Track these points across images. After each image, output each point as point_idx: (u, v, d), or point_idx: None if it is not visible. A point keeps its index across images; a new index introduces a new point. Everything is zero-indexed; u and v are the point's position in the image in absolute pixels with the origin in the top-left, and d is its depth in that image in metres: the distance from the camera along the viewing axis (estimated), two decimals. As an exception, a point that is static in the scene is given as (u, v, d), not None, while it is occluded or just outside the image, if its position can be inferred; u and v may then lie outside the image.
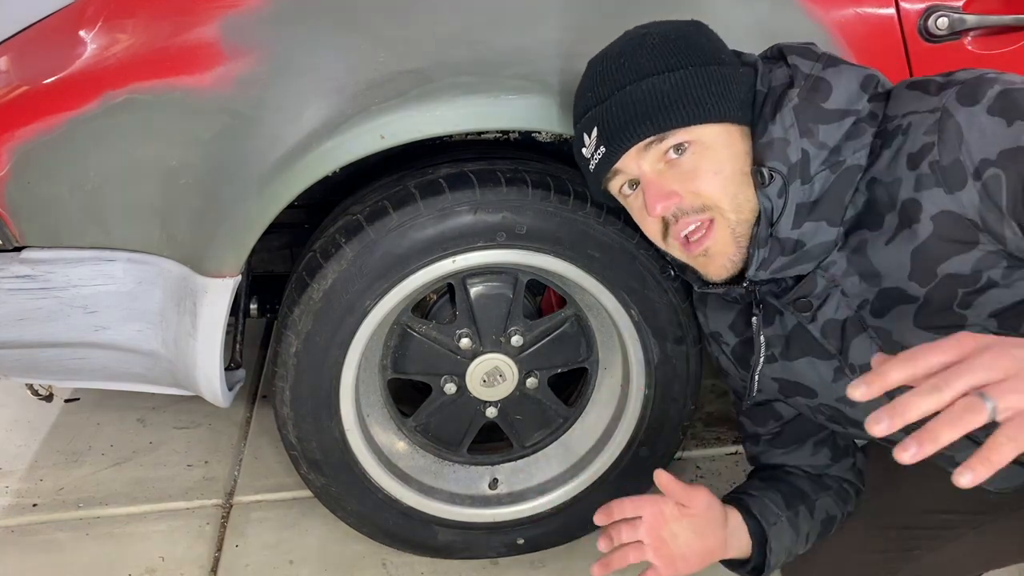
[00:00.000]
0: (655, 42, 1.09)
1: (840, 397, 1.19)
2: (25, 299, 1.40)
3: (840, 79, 1.07)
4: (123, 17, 1.37)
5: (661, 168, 1.08)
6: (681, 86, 1.05)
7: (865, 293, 1.09)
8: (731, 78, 1.08)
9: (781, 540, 1.24)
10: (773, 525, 1.24)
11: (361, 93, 1.30)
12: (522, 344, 1.56)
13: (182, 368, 1.48)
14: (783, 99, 1.06)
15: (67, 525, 1.81)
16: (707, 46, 1.10)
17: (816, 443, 1.32)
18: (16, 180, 1.33)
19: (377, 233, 1.39)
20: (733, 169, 1.07)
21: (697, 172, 1.06)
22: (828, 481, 1.32)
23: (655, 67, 1.07)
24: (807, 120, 1.06)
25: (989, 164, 0.96)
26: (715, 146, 1.06)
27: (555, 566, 1.68)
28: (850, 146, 1.05)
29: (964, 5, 1.35)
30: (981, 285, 1.02)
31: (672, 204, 1.07)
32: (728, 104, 1.07)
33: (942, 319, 1.05)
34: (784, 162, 1.05)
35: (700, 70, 1.07)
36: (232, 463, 1.98)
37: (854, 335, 1.12)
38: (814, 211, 1.07)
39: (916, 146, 1.00)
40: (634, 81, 1.07)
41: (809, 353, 1.18)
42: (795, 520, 1.26)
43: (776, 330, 1.20)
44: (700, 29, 1.13)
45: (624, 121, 1.06)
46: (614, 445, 1.63)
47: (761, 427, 1.34)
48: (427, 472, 1.66)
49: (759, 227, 1.08)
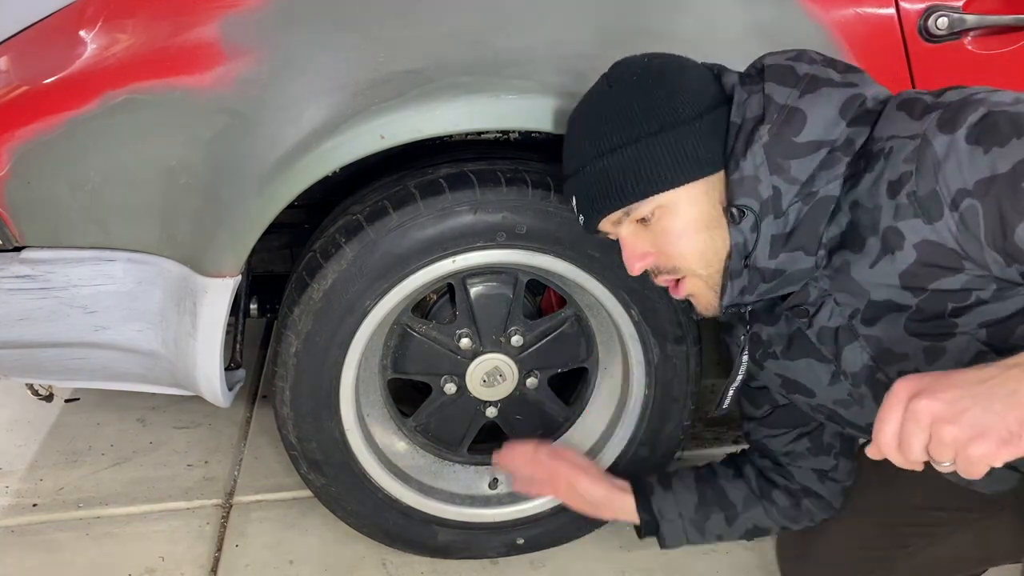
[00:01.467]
0: (614, 109, 1.10)
1: (837, 399, 1.19)
2: (25, 299, 1.40)
3: (816, 107, 1.05)
4: (123, 17, 1.36)
5: (635, 229, 1.13)
6: (635, 162, 1.08)
7: (856, 303, 1.09)
8: (687, 138, 1.07)
9: (676, 536, 1.44)
10: (668, 521, 1.42)
11: (361, 93, 1.29)
12: (522, 344, 1.56)
13: (182, 368, 1.48)
14: (753, 135, 1.05)
15: (67, 525, 1.81)
16: (664, 105, 1.08)
17: (800, 434, 1.37)
18: (16, 180, 1.32)
19: (377, 233, 1.39)
20: (699, 225, 1.10)
21: (667, 235, 1.11)
22: (778, 496, 1.39)
23: (610, 143, 1.10)
24: (777, 156, 1.05)
25: (966, 195, 0.93)
26: (679, 207, 1.09)
27: (555, 566, 1.68)
28: (823, 176, 1.05)
29: (964, 5, 1.35)
30: (971, 302, 1.01)
31: (648, 263, 1.15)
32: (684, 168, 1.08)
33: (933, 327, 1.05)
34: (756, 199, 1.06)
35: (653, 140, 1.07)
36: (232, 463, 1.98)
37: (846, 343, 1.13)
38: (789, 242, 1.08)
39: (896, 174, 0.98)
40: (592, 159, 1.12)
41: (809, 355, 1.18)
42: (701, 523, 1.42)
43: (780, 329, 1.21)
44: (662, 78, 1.10)
45: (590, 198, 1.13)
46: (614, 445, 1.63)
47: (757, 409, 1.40)
48: (427, 472, 1.66)
49: (732, 261, 1.09)
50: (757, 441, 1.43)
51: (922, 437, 0.81)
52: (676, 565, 1.67)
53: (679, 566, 1.67)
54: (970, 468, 0.80)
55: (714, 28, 1.33)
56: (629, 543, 1.71)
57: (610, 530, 1.71)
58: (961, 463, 0.80)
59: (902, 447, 0.82)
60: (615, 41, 1.23)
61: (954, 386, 0.81)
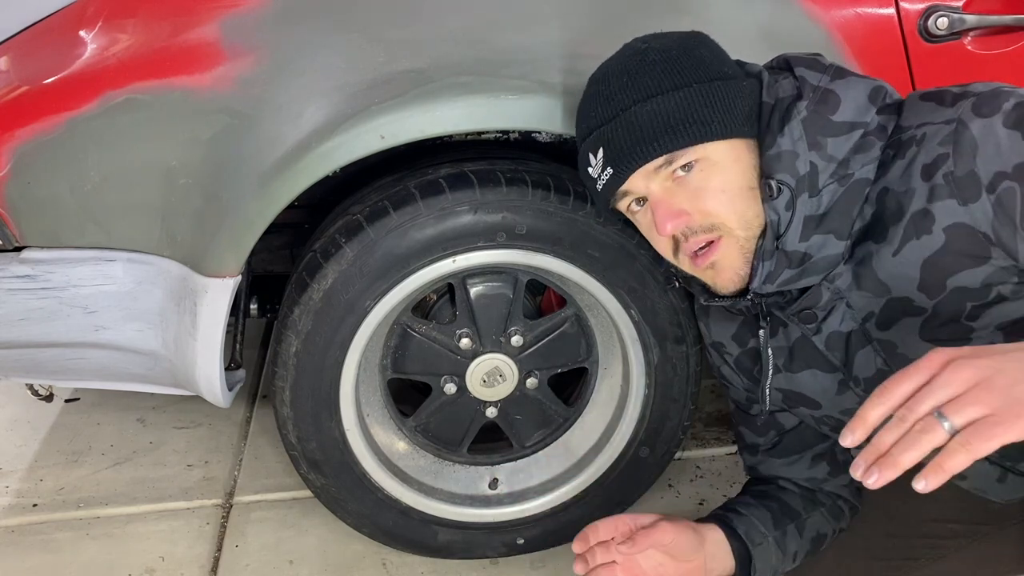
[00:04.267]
0: (656, 58, 1.07)
1: (844, 409, 1.18)
2: (25, 299, 1.40)
3: (848, 91, 1.06)
4: (123, 17, 1.37)
5: (669, 186, 1.06)
6: (685, 105, 1.04)
7: (871, 305, 1.08)
8: (735, 92, 1.06)
9: (767, 560, 1.24)
10: (758, 546, 1.24)
11: (361, 93, 1.29)
12: (522, 344, 1.56)
13: (182, 368, 1.48)
14: (791, 111, 1.05)
15: (67, 525, 1.81)
16: (709, 60, 1.08)
17: (815, 456, 1.31)
18: (16, 180, 1.33)
19: (377, 233, 1.39)
20: (740, 185, 1.06)
21: (705, 191, 1.05)
22: (822, 497, 1.32)
23: (658, 86, 1.05)
24: (816, 133, 1.04)
25: (1004, 177, 0.94)
26: (722, 163, 1.05)
27: (555, 566, 1.68)
28: (858, 159, 1.04)
29: (964, 5, 1.35)
30: (991, 299, 1.01)
31: (682, 223, 1.06)
32: (733, 120, 1.05)
33: (948, 332, 1.04)
34: (793, 174, 1.04)
35: (704, 87, 1.05)
36: (232, 463, 1.98)
37: (858, 348, 1.11)
38: (822, 224, 1.06)
39: (930, 157, 0.99)
40: (638, 102, 1.05)
41: (813, 365, 1.17)
42: (783, 540, 1.26)
43: (780, 341, 1.19)
44: (701, 41, 1.11)
45: (631, 143, 1.05)
46: (614, 445, 1.63)
47: (760, 437, 1.34)
48: (427, 472, 1.66)
49: (764, 240, 1.06)
50: (774, 476, 1.34)
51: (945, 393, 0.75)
52: (676, 565, 1.67)
53: (679, 566, 1.66)
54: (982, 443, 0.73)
55: (714, 28, 1.32)
56: (629, 543, 1.71)
57: (610, 530, 1.71)
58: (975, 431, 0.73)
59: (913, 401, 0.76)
60: (615, 41, 1.23)
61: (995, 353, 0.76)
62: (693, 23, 1.33)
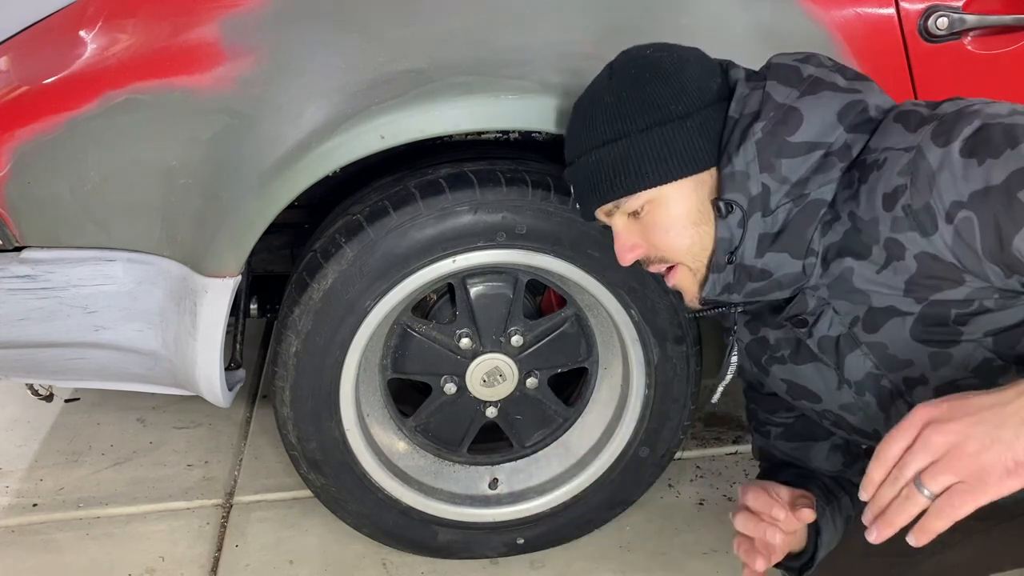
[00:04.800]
0: (610, 101, 1.12)
1: (843, 404, 1.19)
2: (25, 299, 1.40)
3: (815, 110, 1.05)
4: (123, 17, 1.37)
5: (626, 222, 1.14)
6: (623, 158, 1.09)
7: (855, 311, 1.09)
8: (676, 136, 1.08)
9: (829, 532, 1.26)
10: (821, 517, 1.23)
11: (361, 93, 1.29)
12: (522, 344, 1.56)
13: (182, 368, 1.48)
14: (748, 132, 1.06)
15: (67, 525, 1.81)
16: (661, 100, 1.09)
17: (832, 447, 1.32)
18: (16, 180, 1.33)
19: (377, 233, 1.39)
20: (688, 220, 1.10)
21: (654, 229, 1.12)
22: (843, 482, 1.32)
23: (603, 136, 1.11)
24: (769, 155, 1.05)
25: (960, 207, 0.93)
26: (667, 203, 1.10)
27: (555, 566, 1.68)
28: (816, 180, 1.04)
29: (964, 5, 1.35)
30: (974, 309, 1.01)
31: (637, 254, 1.15)
32: (671, 165, 1.08)
33: (938, 334, 1.04)
34: (745, 194, 1.06)
35: (645, 135, 1.08)
36: (232, 463, 1.98)
37: (848, 351, 1.12)
38: (776, 242, 1.07)
39: (890, 186, 0.98)
40: (588, 150, 1.13)
41: (815, 359, 1.18)
42: (834, 514, 1.28)
43: (787, 333, 1.20)
44: (661, 73, 1.10)
45: (587, 189, 1.15)
46: (614, 445, 1.63)
47: (773, 415, 1.33)
48: (427, 472, 1.66)
49: (716, 255, 1.10)
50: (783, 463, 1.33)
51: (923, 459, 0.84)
52: (676, 565, 1.66)
53: (679, 566, 1.66)
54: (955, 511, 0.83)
55: (714, 28, 1.33)
56: (629, 543, 1.71)
57: (610, 530, 1.71)
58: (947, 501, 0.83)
59: (900, 466, 0.86)
60: (615, 41, 1.23)
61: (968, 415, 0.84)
62: (692, 23, 1.34)
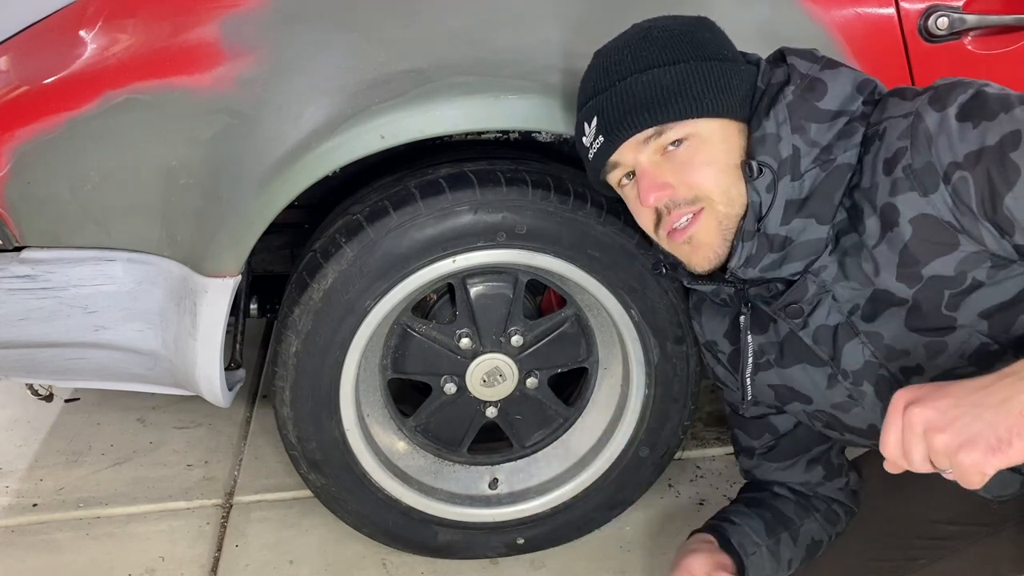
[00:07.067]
0: (659, 35, 1.10)
1: (835, 403, 1.19)
2: (25, 299, 1.40)
3: (836, 80, 1.08)
4: (123, 17, 1.37)
5: (657, 160, 1.09)
6: (681, 80, 1.07)
7: (856, 298, 1.09)
8: (732, 74, 1.09)
9: (760, 570, 1.28)
10: (752, 555, 1.27)
11: (361, 93, 1.29)
12: (522, 344, 1.56)
13: (182, 368, 1.48)
14: (778, 96, 1.08)
15: (67, 525, 1.81)
16: (710, 41, 1.11)
17: (810, 460, 1.33)
18: (16, 180, 1.33)
19: (377, 233, 1.39)
20: (726, 163, 1.08)
21: (691, 164, 1.07)
22: (816, 503, 1.34)
23: (657, 59, 1.08)
24: (800, 117, 1.07)
25: (956, 167, 0.97)
26: (711, 140, 1.08)
27: (555, 566, 1.68)
28: (841, 145, 1.06)
29: (964, 5, 1.35)
30: (967, 286, 1.02)
31: (665, 195, 1.09)
32: (727, 100, 1.08)
33: (932, 321, 1.05)
34: (775, 157, 1.06)
35: (701, 64, 1.08)
36: (232, 463, 1.98)
37: (846, 341, 1.12)
38: (803, 208, 1.08)
39: (891, 151, 1.02)
40: (635, 73, 1.08)
41: (803, 360, 1.18)
42: (776, 548, 1.29)
43: (770, 337, 1.20)
44: (705, 24, 1.13)
45: (623, 112, 1.08)
46: (614, 445, 1.63)
47: (756, 440, 1.35)
48: (427, 472, 1.66)
49: (746, 220, 1.08)
50: (769, 480, 1.36)
51: (921, 446, 0.85)
52: (676, 565, 1.67)
53: (679, 566, 1.66)
54: (964, 476, 0.83)
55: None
56: (629, 543, 1.71)
57: (610, 530, 1.71)
58: (956, 470, 0.83)
59: (905, 455, 0.86)
60: (615, 41, 1.23)
61: (948, 395, 0.85)
62: (693, 23, 1.34)
